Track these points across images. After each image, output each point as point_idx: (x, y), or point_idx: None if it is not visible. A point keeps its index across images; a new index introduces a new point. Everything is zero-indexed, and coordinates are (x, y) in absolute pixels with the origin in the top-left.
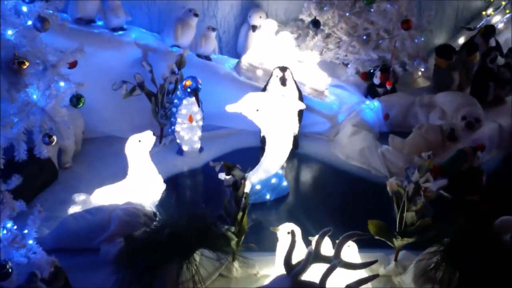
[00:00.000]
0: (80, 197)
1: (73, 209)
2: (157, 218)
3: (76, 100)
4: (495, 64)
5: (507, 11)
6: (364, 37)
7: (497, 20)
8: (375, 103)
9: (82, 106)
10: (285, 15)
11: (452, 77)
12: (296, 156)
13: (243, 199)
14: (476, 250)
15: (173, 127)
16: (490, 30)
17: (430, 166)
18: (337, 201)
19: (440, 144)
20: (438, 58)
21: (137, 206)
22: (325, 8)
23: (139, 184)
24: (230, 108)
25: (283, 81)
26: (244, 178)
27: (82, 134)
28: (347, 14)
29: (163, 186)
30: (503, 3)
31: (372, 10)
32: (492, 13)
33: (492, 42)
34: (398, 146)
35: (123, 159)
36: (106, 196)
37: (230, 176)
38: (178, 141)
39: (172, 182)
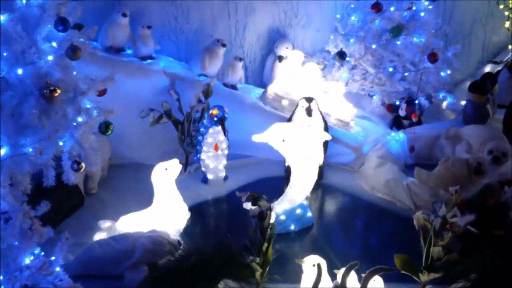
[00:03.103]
0: (105, 223)
1: (99, 236)
2: (181, 247)
3: (105, 127)
4: None
5: None
6: (390, 69)
7: None
8: (401, 135)
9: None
10: (312, 46)
11: (489, 111)
12: (321, 186)
13: (269, 230)
14: (503, 286)
15: (198, 155)
16: None
17: (458, 200)
18: (362, 233)
19: (467, 178)
20: (474, 95)
21: (162, 234)
22: (351, 40)
23: (164, 212)
24: (257, 138)
25: (309, 112)
26: (270, 209)
27: (108, 160)
28: (374, 46)
29: (188, 214)
30: None
31: (398, 42)
32: None
33: None
34: (424, 179)
35: (149, 186)
36: (132, 223)
37: (256, 206)
38: (203, 169)
39: (197, 210)
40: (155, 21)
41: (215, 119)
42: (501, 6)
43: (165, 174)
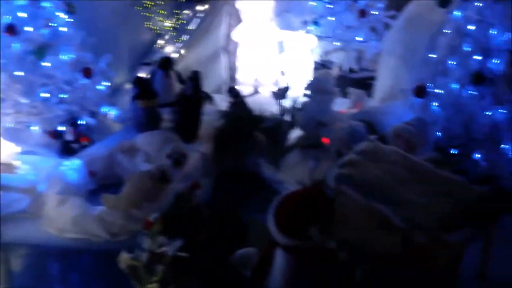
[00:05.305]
0: None
1: None
2: None
3: None
4: None
5: (175, 40)
6: (45, 94)
7: (171, 50)
8: (75, 162)
9: None
10: None
11: (160, 114)
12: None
13: None
14: None
15: None
16: (167, 61)
17: (160, 229)
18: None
19: (155, 189)
20: (143, 101)
21: None
22: None
23: None
24: None
25: None
26: None
27: None
28: (19, 73)
29: None
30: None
31: (46, 64)
32: (164, 43)
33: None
34: (114, 204)
35: None
36: None
37: None
38: None
39: None
40: None
41: None
42: (139, 8)
43: None
